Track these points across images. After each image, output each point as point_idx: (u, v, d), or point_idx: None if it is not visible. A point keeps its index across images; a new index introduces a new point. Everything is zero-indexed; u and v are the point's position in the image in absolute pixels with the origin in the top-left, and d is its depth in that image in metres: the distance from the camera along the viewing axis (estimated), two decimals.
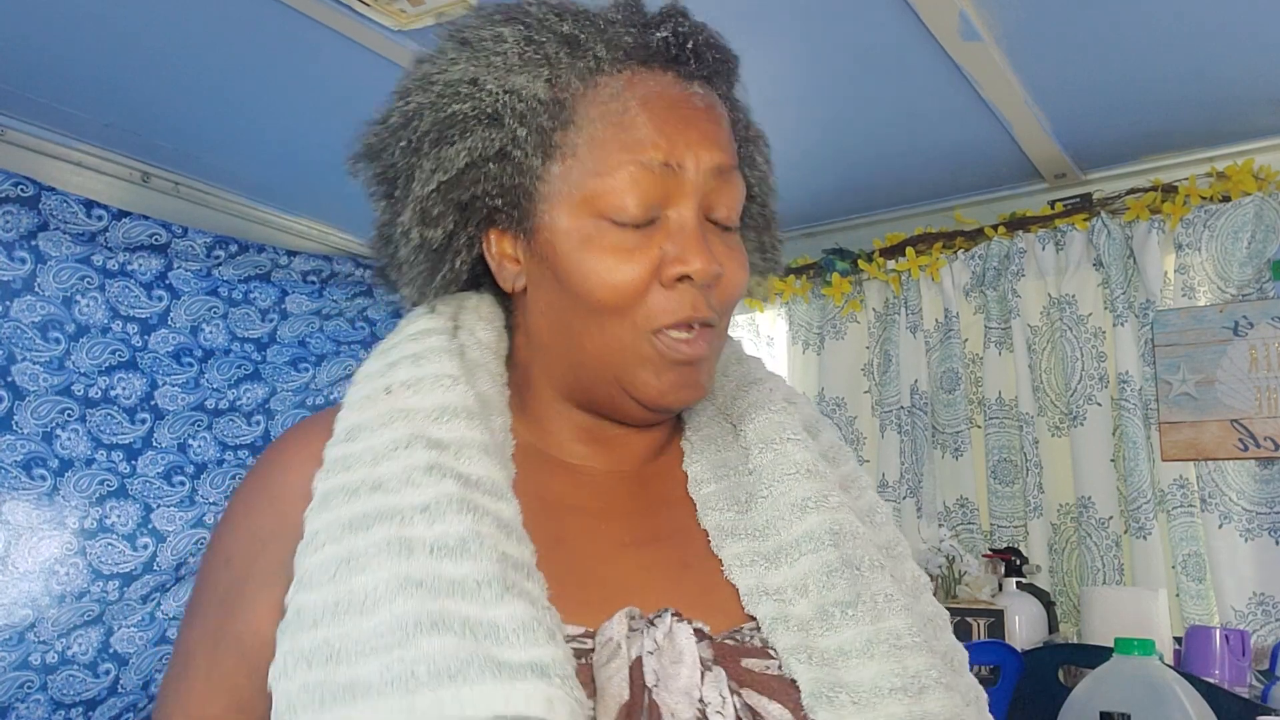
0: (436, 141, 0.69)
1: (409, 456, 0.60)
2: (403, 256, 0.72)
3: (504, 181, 0.68)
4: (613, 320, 0.66)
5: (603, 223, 0.65)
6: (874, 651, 0.60)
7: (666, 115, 0.66)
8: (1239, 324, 1.77)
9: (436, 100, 0.69)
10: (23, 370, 1.78)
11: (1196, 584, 1.75)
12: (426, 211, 0.69)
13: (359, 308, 2.37)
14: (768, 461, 0.70)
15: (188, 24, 1.47)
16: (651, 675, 0.56)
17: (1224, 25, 1.45)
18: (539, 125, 0.67)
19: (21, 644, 1.74)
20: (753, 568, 0.65)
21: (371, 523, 0.57)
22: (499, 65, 0.68)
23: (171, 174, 2.03)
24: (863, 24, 1.45)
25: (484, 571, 0.55)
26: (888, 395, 2.18)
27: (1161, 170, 1.92)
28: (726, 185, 0.68)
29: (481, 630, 0.52)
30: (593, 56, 0.67)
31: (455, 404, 0.63)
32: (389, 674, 0.51)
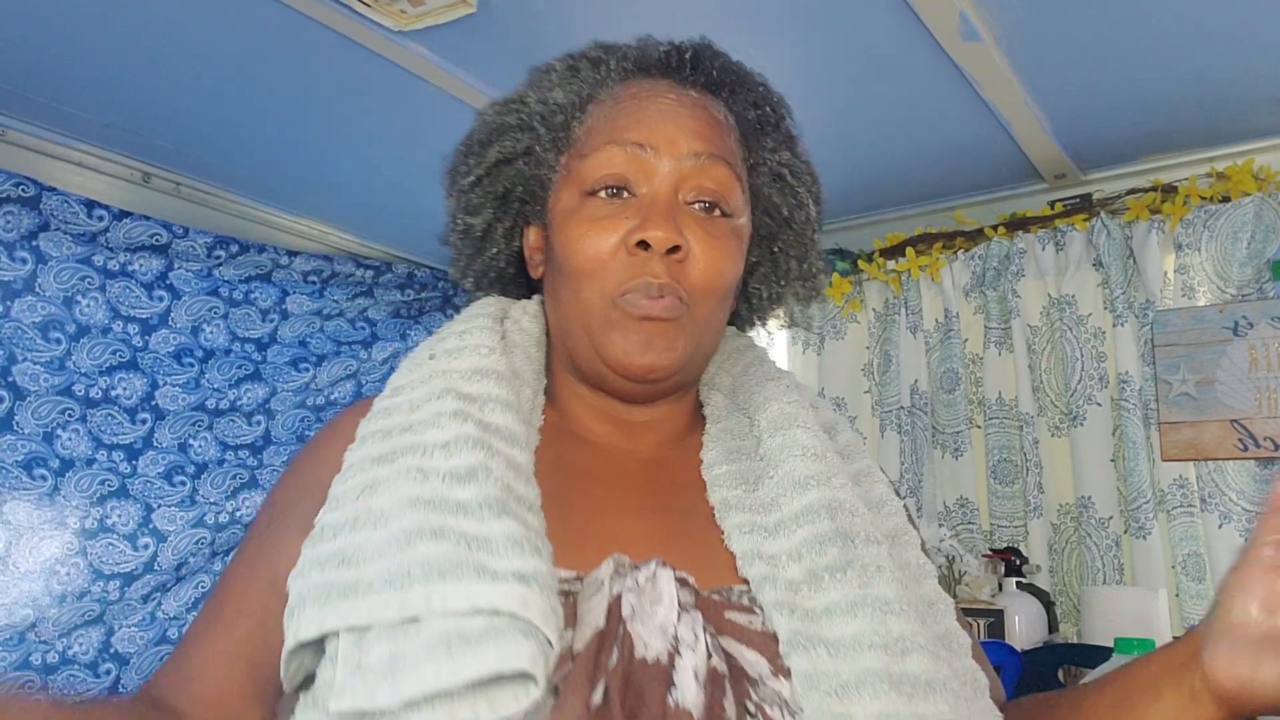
0: (483, 144, 0.82)
1: (439, 405, 0.67)
2: (452, 241, 0.85)
3: (528, 174, 0.80)
4: (585, 286, 0.73)
5: (584, 198, 0.74)
6: (858, 612, 0.62)
7: (649, 106, 0.76)
8: (1239, 324, 1.77)
9: (494, 116, 0.83)
10: (23, 370, 1.78)
11: (1196, 584, 1.75)
12: (469, 201, 0.82)
13: (360, 308, 2.38)
14: (776, 445, 0.73)
15: (188, 24, 1.47)
16: (628, 608, 0.59)
17: (1224, 25, 1.45)
18: (556, 124, 0.79)
19: (22, 644, 1.74)
20: (751, 535, 0.67)
21: (397, 456, 0.64)
22: (544, 85, 0.82)
23: (172, 174, 2.03)
24: (863, 24, 1.45)
25: (486, 495, 0.60)
26: (888, 395, 2.19)
27: (1161, 170, 1.92)
28: (706, 171, 0.74)
29: (476, 542, 0.57)
30: (606, 68, 0.80)
31: (487, 367, 0.71)
32: (388, 574, 0.56)
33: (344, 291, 2.32)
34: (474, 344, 0.73)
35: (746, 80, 0.82)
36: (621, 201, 0.73)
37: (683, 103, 0.76)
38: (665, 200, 0.73)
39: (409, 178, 2.06)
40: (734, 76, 0.81)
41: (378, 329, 2.42)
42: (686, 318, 0.73)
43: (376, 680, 0.53)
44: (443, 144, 0.91)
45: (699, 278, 0.73)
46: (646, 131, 0.74)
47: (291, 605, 0.58)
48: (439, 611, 0.54)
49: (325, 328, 2.31)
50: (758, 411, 0.77)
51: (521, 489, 0.64)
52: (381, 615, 0.55)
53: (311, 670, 0.60)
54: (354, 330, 2.38)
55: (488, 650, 0.53)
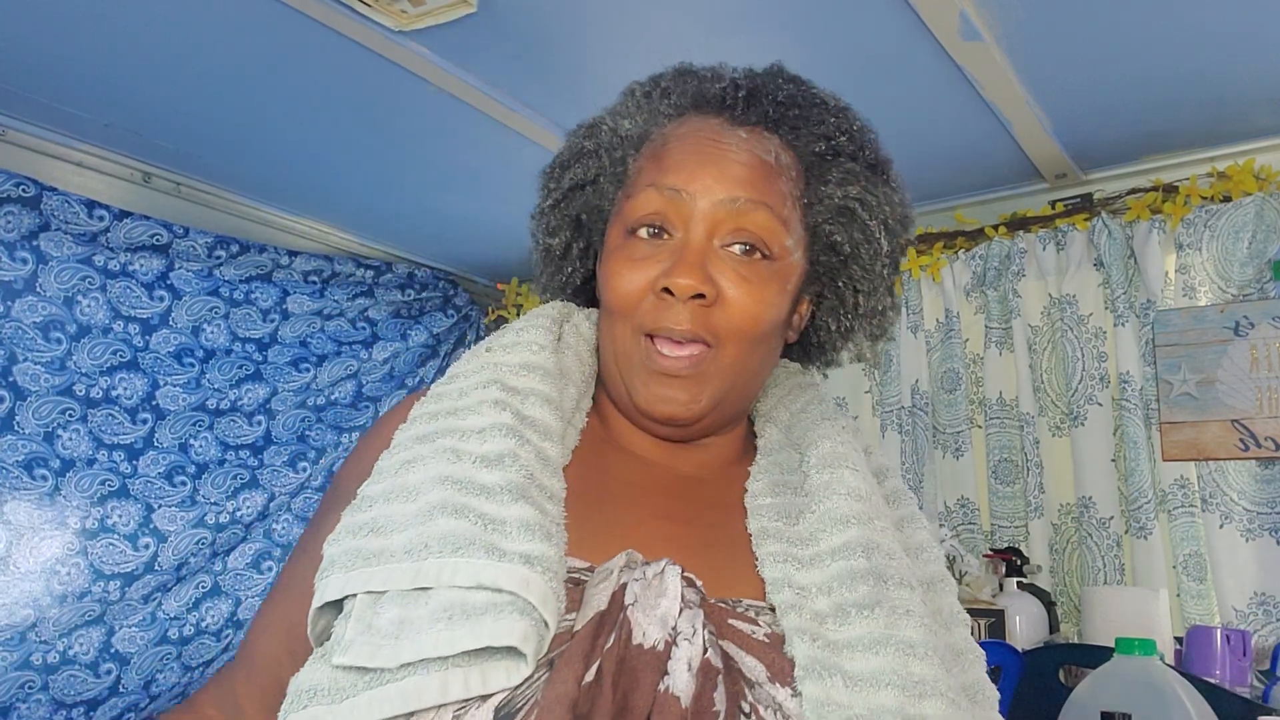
0: (563, 168, 0.84)
1: (484, 394, 0.71)
2: (535, 259, 0.88)
3: (593, 204, 0.83)
4: (620, 322, 0.75)
5: (626, 236, 0.76)
6: (881, 650, 0.61)
7: (691, 150, 0.76)
8: (1240, 324, 1.77)
9: (576, 140, 0.85)
10: (24, 370, 1.79)
11: (1197, 584, 1.75)
12: (549, 223, 0.85)
13: (360, 308, 2.38)
14: (822, 482, 0.73)
15: (189, 24, 1.47)
16: (631, 596, 0.61)
17: (1225, 25, 1.45)
18: (618, 158, 0.81)
19: (23, 644, 1.74)
20: (784, 565, 0.68)
21: (437, 437, 0.68)
22: (620, 112, 0.83)
23: (173, 174, 2.03)
24: (863, 24, 1.45)
25: (508, 480, 0.64)
26: (888, 395, 2.18)
27: (1162, 170, 1.92)
28: (743, 216, 0.74)
29: (492, 524, 0.61)
30: (667, 103, 0.81)
31: (535, 363, 0.75)
32: (408, 545, 0.60)
33: (344, 291, 2.32)
34: (527, 340, 0.76)
35: (814, 112, 0.80)
36: (659, 243, 0.75)
37: (727, 144, 0.76)
38: (697, 245, 0.73)
39: (410, 178, 2.06)
40: (797, 110, 0.79)
41: (378, 329, 2.42)
42: (712, 365, 0.73)
43: (381, 640, 0.56)
44: (443, 144, 0.91)
45: (730, 322, 0.73)
46: (685, 176, 0.74)
47: (322, 568, 0.62)
48: (447, 584, 0.58)
49: (326, 328, 2.31)
50: (809, 448, 0.77)
51: (546, 480, 0.67)
52: (397, 582, 0.59)
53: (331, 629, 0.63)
54: (355, 330, 2.38)
55: (484, 624, 0.56)
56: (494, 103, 1.69)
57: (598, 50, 1.56)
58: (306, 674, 0.59)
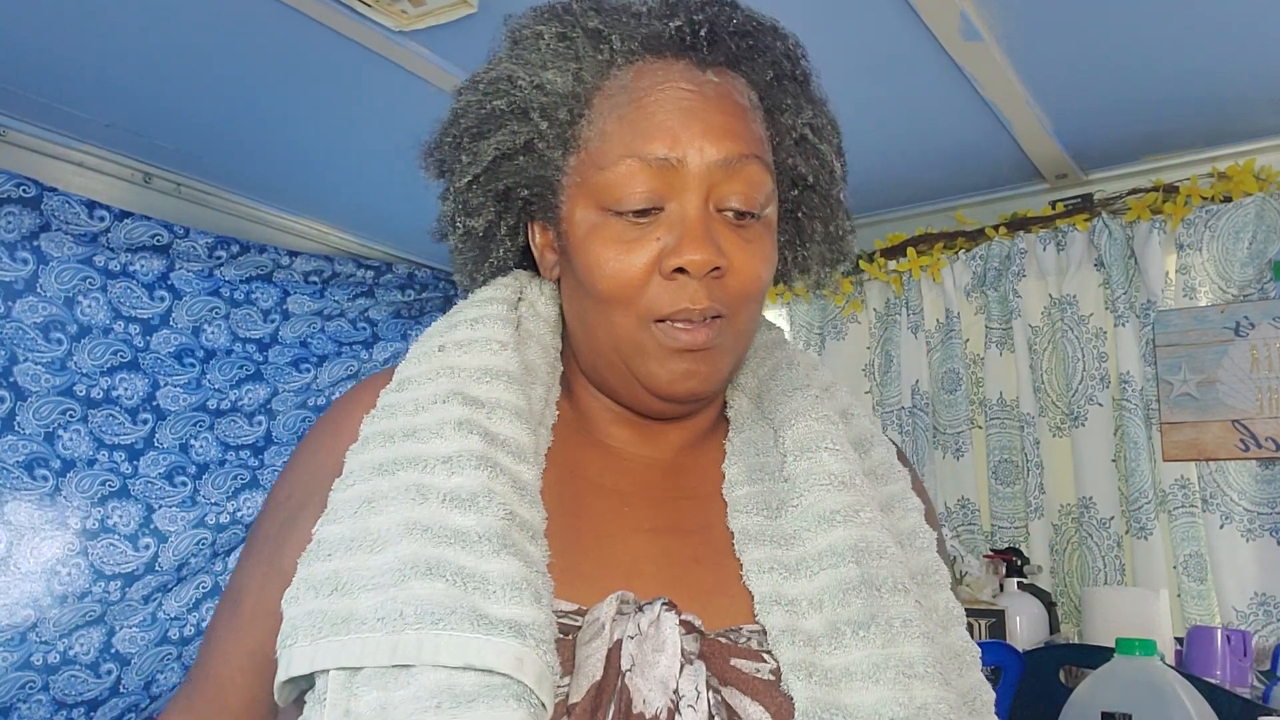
0: (475, 136, 0.72)
1: (445, 410, 0.63)
2: (452, 244, 0.77)
3: (531, 173, 0.71)
4: (617, 310, 0.67)
5: (605, 214, 0.67)
6: (880, 676, 0.58)
7: (670, 108, 0.66)
8: (1240, 324, 1.77)
9: (480, 98, 0.72)
10: (25, 371, 1.79)
11: (1198, 584, 1.75)
12: (467, 202, 0.73)
13: (360, 308, 2.38)
14: (802, 470, 0.68)
15: (189, 25, 1.47)
16: (629, 659, 0.56)
17: (1225, 25, 1.45)
18: (558, 119, 0.69)
19: (23, 644, 1.74)
20: (771, 574, 0.64)
21: (398, 468, 0.61)
22: (534, 62, 0.70)
23: (173, 174, 2.03)
24: (864, 24, 1.45)
25: (487, 526, 0.57)
26: (889, 395, 2.18)
27: (1163, 170, 1.92)
28: (738, 175, 0.67)
29: (472, 582, 0.55)
30: (609, 49, 0.69)
31: (498, 367, 0.67)
32: (380, 611, 0.54)
33: (345, 292, 2.32)
34: (485, 336, 0.69)
35: (762, 39, 0.72)
36: (650, 219, 0.66)
37: (703, 94, 0.67)
38: (698, 216, 0.66)
39: (410, 178, 2.05)
40: (749, 40, 0.71)
41: (379, 329, 2.42)
42: (728, 334, 0.68)
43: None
44: None
45: (739, 288, 0.68)
46: (670, 140, 0.65)
47: (284, 633, 0.56)
48: (429, 662, 0.52)
49: (326, 328, 2.31)
50: (783, 426, 0.72)
51: (526, 513, 0.61)
52: (372, 657, 0.53)
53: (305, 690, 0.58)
54: (355, 331, 2.38)
55: (477, 713, 0.51)
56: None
57: None
58: None
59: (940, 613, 0.67)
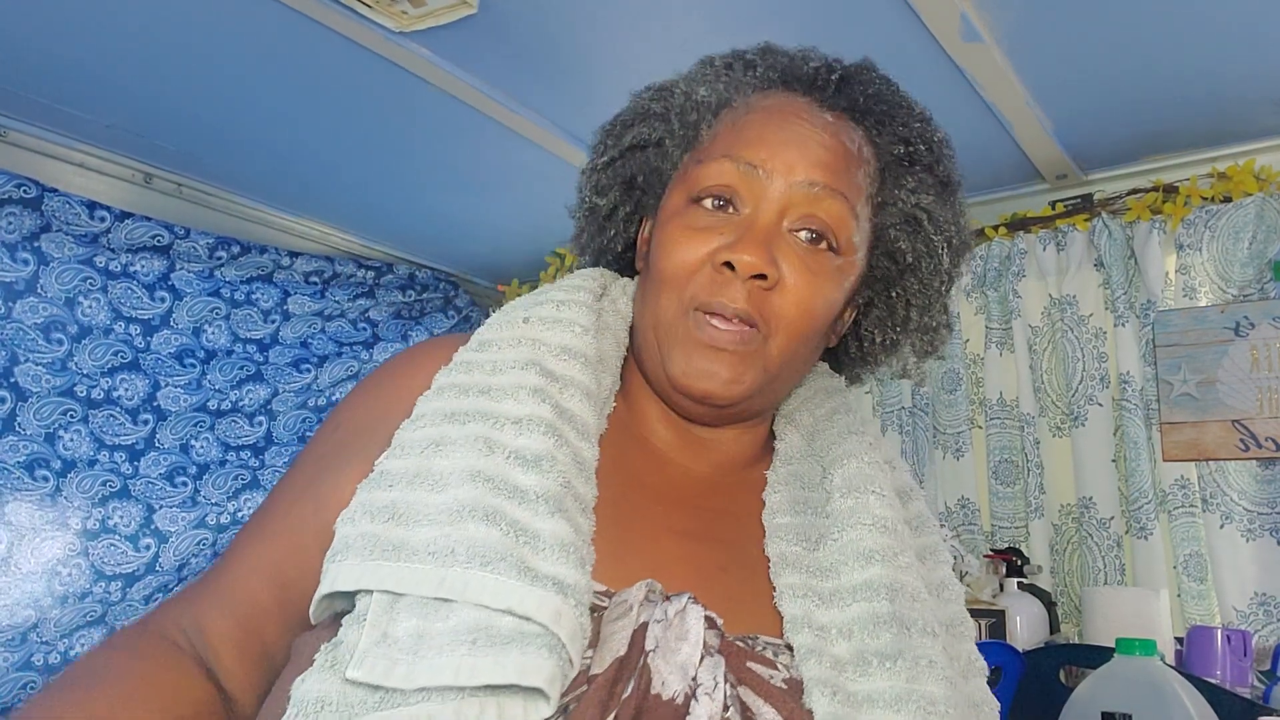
0: (624, 127, 0.80)
1: (522, 376, 0.66)
2: (577, 216, 0.83)
3: (653, 165, 0.78)
4: (667, 292, 0.71)
5: (689, 204, 0.72)
6: (902, 708, 0.59)
7: (775, 125, 0.72)
8: (1240, 324, 1.77)
9: (645, 100, 0.81)
10: (25, 371, 1.79)
11: (1198, 584, 1.75)
12: (598, 182, 0.81)
13: (361, 309, 2.38)
14: (847, 508, 0.69)
15: (190, 25, 1.47)
16: (653, 641, 0.57)
17: (1225, 25, 1.45)
18: (689, 120, 0.77)
19: (24, 644, 1.75)
20: (804, 600, 0.65)
21: (469, 420, 0.63)
22: (695, 78, 0.79)
23: (174, 175, 2.03)
24: (864, 25, 1.45)
25: (545, 488, 0.60)
26: (889, 396, 2.19)
27: (1163, 171, 1.92)
28: (818, 203, 0.71)
29: (524, 535, 0.57)
30: (753, 74, 0.77)
31: (577, 348, 0.70)
32: (433, 545, 0.56)
33: (345, 292, 2.33)
34: (569, 318, 0.71)
35: (900, 113, 0.77)
36: (725, 216, 0.71)
37: (813, 125, 0.73)
38: (765, 224, 0.70)
39: (410, 179, 2.06)
40: (885, 106, 0.77)
41: (379, 330, 2.42)
42: (759, 351, 0.70)
43: (398, 656, 0.53)
44: (444, 144, 0.91)
45: (786, 310, 0.70)
46: (766, 151, 0.71)
47: (335, 548, 0.58)
48: (474, 600, 0.54)
49: (327, 329, 2.31)
50: (834, 465, 0.73)
51: (581, 487, 0.63)
52: (419, 587, 0.55)
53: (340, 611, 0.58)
54: (355, 331, 2.38)
55: (510, 657, 0.52)
56: (494, 104, 1.69)
57: (598, 52, 1.56)
58: (314, 683, 0.54)
59: (963, 662, 0.68)
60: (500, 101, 1.68)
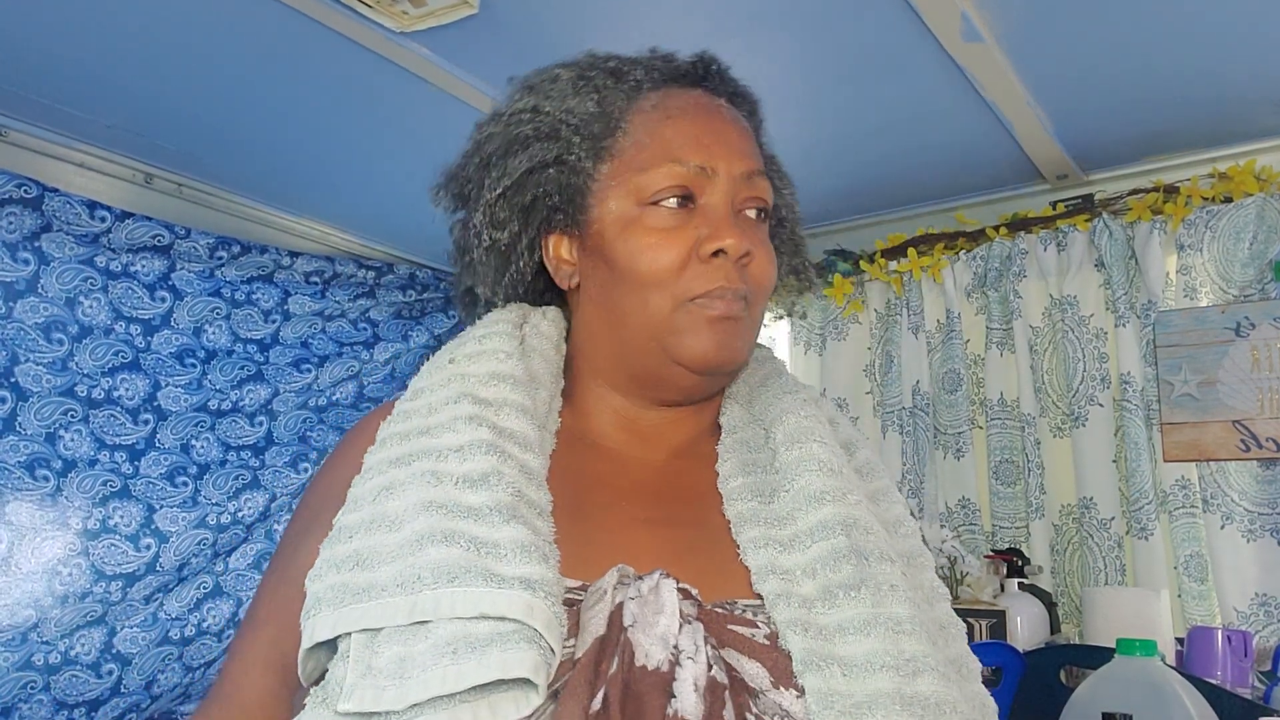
0: (503, 155, 0.81)
1: (456, 409, 0.69)
2: (476, 258, 0.83)
3: (561, 182, 0.79)
4: (654, 293, 0.74)
5: (646, 208, 0.76)
6: (871, 631, 0.62)
7: (701, 124, 0.78)
8: (1241, 325, 1.77)
9: (504, 127, 0.82)
10: (26, 371, 1.79)
11: (1198, 585, 1.75)
12: (494, 215, 0.81)
13: (361, 309, 2.38)
14: (792, 459, 0.74)
15: (190, 25, 1.47)
16: (630, 617, 0.60)
17: (1226, 26, 1.45)
18: (590, 133, 0.79)
19: (24, 644, 1.75)
20: (766, 549, 0.68)
21: (413, 459, 0.66)
22: (555, 95, 0.81)
23: (174, 175, 2.03)
24: (864, 25, 1.45)
25: (497, 500, 0.62)
26: (889, 396, 2.19)
27: (1163, 171, 1.92)
28: (755, 185, 0.79)
29: (484, 548, 0.59)
30: (633, 79, 0.81)
31: (504, 371, 0.73)
32: (399, 578, 0.58)
33: (346, 292, 2.33)
34: (492, 349, 0.75)
35: (740, 86, 0.87)
36: (685, 212, 0.76)
37: (725, 119, 0.80)
38: (728, 210, 0.76)
39: (411, 178, 2.06)
40: (740, 88, 0.86)
41: (380, 330, 2.42)
42: (748, 316, 0.77)
43: (385, 682, 0.55)
44: (444, 144, 0.91)
45: (759, 279, 0.77)
46: (705, 153, 0.76)
47: (308, 606, 0.60)
48: (447, 615, 0.56)
49: (327, 329, 2.31)
50: (774, 424, 0.78)
51: (533, 494, 0.66)
52: (392, 618, 0.57)
53: (326, 666, 0.61)
54: (356, 331, 2.38)
55: (491, 656, 0.54)
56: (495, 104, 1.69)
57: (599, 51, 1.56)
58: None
59: (925, 589, 0.71)
60: None
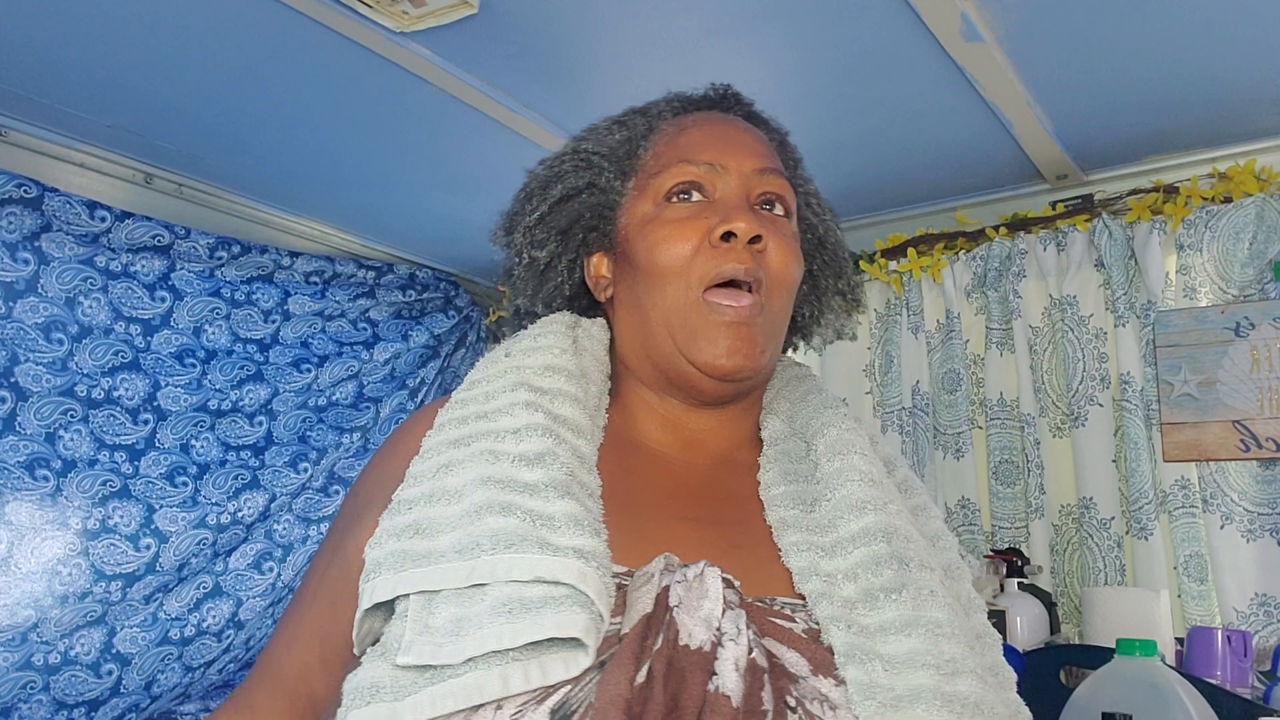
0: (544, 186, 0.88)
1: (513, 395, 0.73)
2: (517, 274, 0.90)
3: (593, 203, 0.86)
4: (671, 284, 0.78)
5: (661, 204, 0.81)
6: (912, 632, 0.63)
7: (712, 130, 0.84)
8: (1240, 325, 1.77)
9: (548, 168, 0.89)
10: (26, 371, 1.79)
11: (1198, 585, 1.75)
12: (534, 236, 0.87)
13: (361, 309, 2.38)
14: (834, 470, 0.75)
15: (190, 25, 1.47)
16: (676, 598, 0.62)
17: (1226, 26, 1.45)
18: (617, 156, 0.86)
19: (24, 644, 1.75)
20: (808, 553, 0.70)
21: (472, 440, 0.69)
22: (592, 137, 0.89)
23: (174, 175, 2.03)
24: (864, 25, 1.45)
25: (552, 477, 0.66)
26: (889, 396, 2.19)
27: (1163, 171, 1.92)
28: (770, 180, 0.82)
29: (540, 519, 0.62)
30: (656, 110, 0.90)
31: (559, 364, 0.77)
32: (458, 545, 0.61)
33: (346, 292, 2.33)
34: (547, 344, 0.79)
35: (769, 121, 0.93)
36: (699, 205, 0.80)
37: (739, 128, 0.85)
38: (740, 199, 0.80)
39: (410, 178, 2.06)
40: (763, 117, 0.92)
41: (380, 330, 2.43)
42: (765, 314, 0.78)
43: (441, 639, 0.57)
44: (444, 144, 0.92)
45: (775, 265, 0.79)
46: (715, 152, 0.81)
47: (367, 570, 0.62)
48: (503, 579, 0.59)
49: (327, 329, 2.31)
50: (815, 436, 0.79)
51: (585, 477, 0.69)
52: (451, 581, 0.60)
53: (379, 633, 0.63)
54: (356, 331, 2.38)
55: (545, 616, 0.57)
56: (495, 104, 1.69)
57: (599, 51, 1.56)
58: (366, 673, 0.59)
59: (964, 600, 0.73)
60: (500, 101, 1.69)
